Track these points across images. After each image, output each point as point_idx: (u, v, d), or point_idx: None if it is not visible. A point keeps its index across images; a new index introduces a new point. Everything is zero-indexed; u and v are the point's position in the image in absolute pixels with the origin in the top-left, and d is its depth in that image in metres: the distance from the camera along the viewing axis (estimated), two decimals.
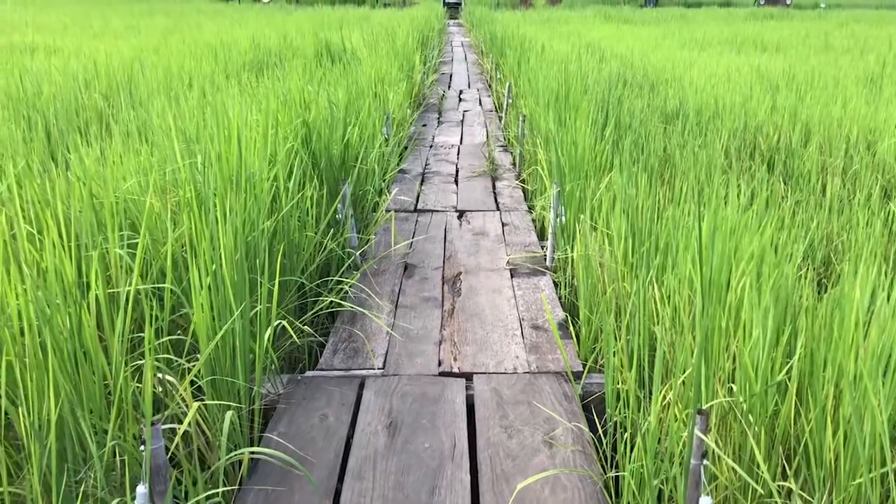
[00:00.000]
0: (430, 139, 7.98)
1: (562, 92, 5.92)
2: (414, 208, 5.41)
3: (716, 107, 7.58)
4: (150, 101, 5.67)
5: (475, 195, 5.77)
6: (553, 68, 7.20)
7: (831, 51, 14.68)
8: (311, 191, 3.69)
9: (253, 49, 10.78)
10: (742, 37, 17.60)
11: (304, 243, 3.45)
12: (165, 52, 10.63)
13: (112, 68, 7.89)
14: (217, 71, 9.11)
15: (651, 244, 3.16)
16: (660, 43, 16.50)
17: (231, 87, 5.54)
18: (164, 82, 7.29)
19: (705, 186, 4.34)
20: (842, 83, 9.36)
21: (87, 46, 11.96)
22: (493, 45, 13.40)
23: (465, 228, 4.95)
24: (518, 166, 6.57)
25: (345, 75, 6.46)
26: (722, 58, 12.95)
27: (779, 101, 7.68)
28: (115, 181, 3.00)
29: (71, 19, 19.85)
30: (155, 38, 13.66)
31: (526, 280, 4.01)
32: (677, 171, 5.11)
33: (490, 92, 11.83)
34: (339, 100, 4.86)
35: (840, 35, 18.68)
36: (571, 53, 11.72)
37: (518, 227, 4.93)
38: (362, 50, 10.63)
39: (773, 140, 6.54)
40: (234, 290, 2.36)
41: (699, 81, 9.57)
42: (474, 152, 7.31)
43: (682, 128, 6.54)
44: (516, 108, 8.05)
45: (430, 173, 6.48)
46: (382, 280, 4.01)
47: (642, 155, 5.12)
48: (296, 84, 4.61)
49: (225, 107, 3.87)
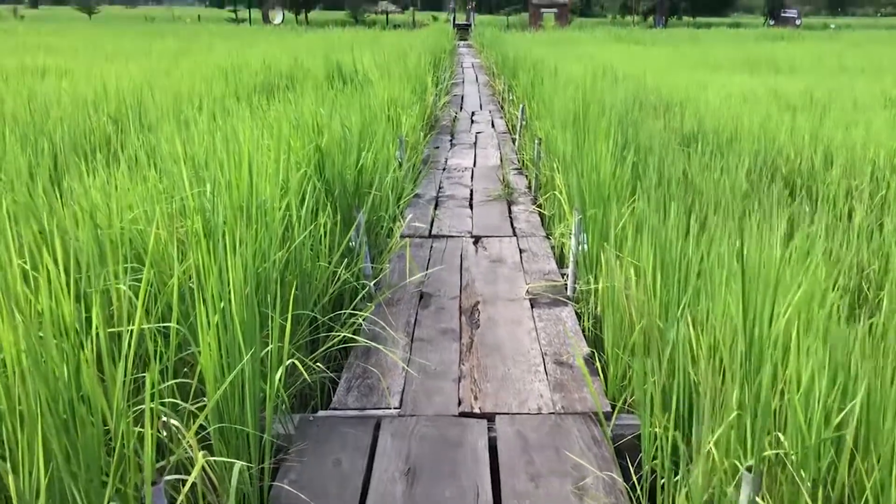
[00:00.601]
0: (443, 162, 7.86)
1: (580, 114, 5.79)
2: (428, 233, 5.27)
3: (735, 129, 7.44)
4: (159, 124, 5.57)
5: (491, 220, 5.63)
6: (569, 90, 7.08)
7: (846, 72, 14.53)
8: (325, 218, 3.55)
9: (264, 71, 10.73)
10: (755, 58, 17.49)
11: (317, 274, 3.30)
12: (176, 74, 10.60)
13: (122, 91, 7.84)
14: (228, 93, 9.04)
15: (682, 277, 3.00)
16: (672, 64, 16.41)
17: (242, 111, 5.44)
18: (174, 105, 7.20)
19: (734, 214, 4.18)
20: (861, 105, 9.20)
21: (98, 69, 11.95)
22: (505, 66, 13.33)
23: (482, 255, 4.79)
24: (534, 190, 6.42)
25: (357, 98, 6.35)
26: (736, 79, 12.82)
27: (798, 123, 7.52)
28: (120, 210, 2.87)
29: (83, 42, 19.97)
30: (166, 60, 13.66)
31: (547, 311, 3.85)
32: (702, 197, 4.96)
33: (502, 113, 11.72)
34: (352, 124, 4.73)
35: (854, 56, 18.54)
36: (586, 75, 11.63)
37: (536, 254, 4.78)
38: (374, 72, 10.55)
39: (795, 163, 6.39)
40: (243, 330, 2.21)
41: (715, 103, 9.44)
42: (488, 175, 7.18)
43: (703, 151, 6.39)
44: (531, 131, 7.93)
45: (444, 197, 6.35)
46: (397, 311, 3.86)
47: (663, 179, 4.97)
48: (308, 108, 4.49)
49: (235, 132, 3.75)
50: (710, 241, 3.27)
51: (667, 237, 3.30)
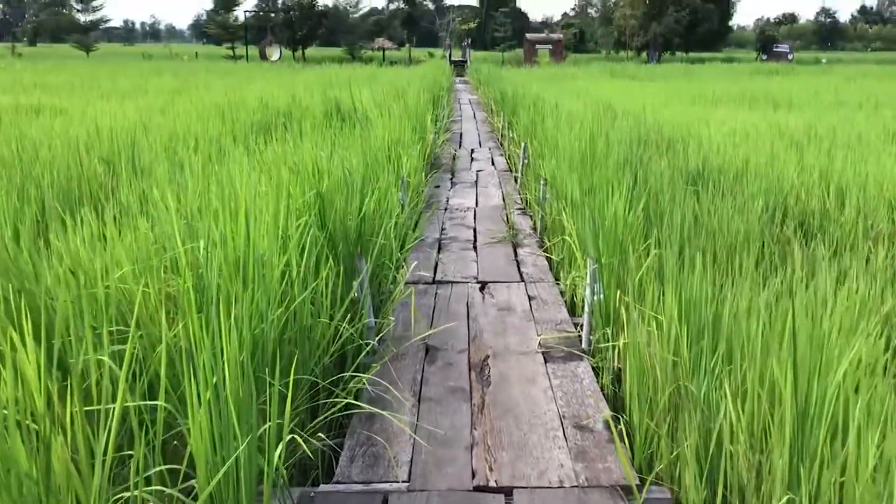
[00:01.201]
0: (444, 201, 7.68)
1: (587, 155, 5.63)
2: (433, 279, 5.06)
3: (741, 167, 7.29)
4: (152, 167, 5.39)
5: (497, 264, 5.43)
6: (574, 129, 6.93)
7: (845, 106, 14.50)
8: (327, 271, 3.34)
9: (261, 109, 10.61)
10: (752, 93, 17.49)
11: (319, 333, 3.08)
12: (172, 113, 10.47)
13: (116, 131, 7.67)
14: (224, 133, 8.89)
15: (711, 333, 2.79)
16: (670, 99, 16.39)
17: (238, 154, 5.26)
18: (169, 146, 7.04)
19: (756, 262, 3.99)
20: (865, 140, 9.09)
21: (94, 107, 11.84)
22: (504, 103, 13.25)
23: (489, 303, 4.58)
24: (539, 231, 6.24)
25: (358, 138, 6.19)
26: (737, 114, 12.76)
27: (806, 160, 7.38)
28: (106, 267, 2.66)
29: (80, 79, 19.93)
30: (162, 98, 13.56)
31: (562, 366, 3.62)
32: (717, 241, 4.77)
33: (502, 151, 11.60)
34: (354, 167, 4.55)
35: (849, 90, 18.59)
36: (587, 112, 11.54)
37: (546, 302, 4.56)
38: (373, 109, 10.44)
39: (807, 203, 6.22)
40: (237, 409, 1.98)
41: (717, 139, 9.32)
42: (491, 216, 7.00)
43: (713, 191, 6.23)
44: (534, 170, 7.77)
45: (447, 239, 6.15)
46: (402, 366, 3.63)
47: (675, 222, 4.79)
48: (307, 150, 4.31)
49: (231, 178, 3.56)
50: (739, 294, 3.06)
51: (692, 289, 3.09)
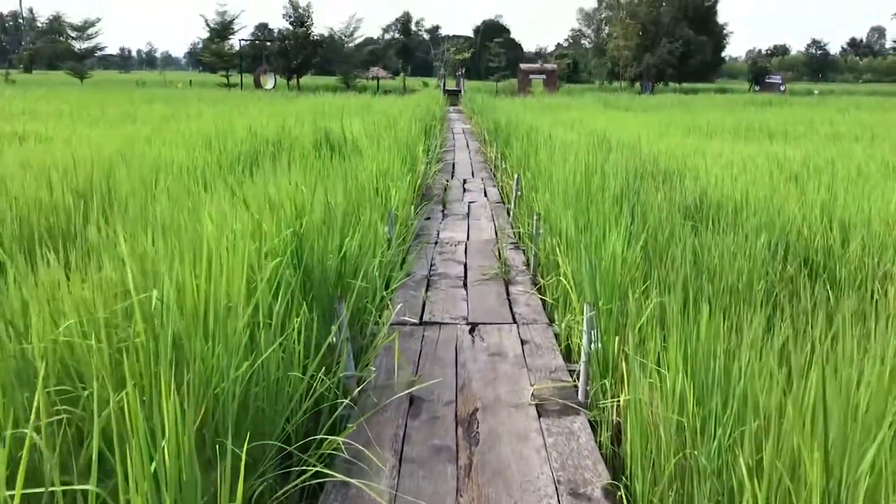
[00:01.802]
0: (434, 234, 7.44)
1: (582, 189, 5.40)
2: (419, 320, 4.79)
3: (740, 201, 7.08)
4: (127, 203, 5.13)
5: (487, 303, 5.16)
6: (568, 161, 6.72)
7: (841, 139, 14.39)
8: (301, 317, 3.07)
9: (250, 138, 10.39)
10: (747, 124, 17.41)
11: (290, 388, 2.80)
12: (158, 141, 10.23)
13: (97, 160, 7.42)
14: (210, 162, 8.66)
15: (720, 393, 2.53)
16: (665, 131, 16.27)
17: (217, 189, 5.01)
18: (149, 178, 6.79)
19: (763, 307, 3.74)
20: (864, 173, 8.91)
21: (80, 135, 11.62)
22: (498, 133, 13.08)
23: (479, 347, 4.31)
24: (532, 268, 5.98)
25: (344, 170, 5.96)
26: (733, 146, 12.61)
27: (807, 194, 7.17)
28: (45, 322, 2.38)
29: (70, 107, 19.75)
30: (150, 126, 13.35)
31: (557, 421, 3.35)
32: (719, 282, 4.53)
33: (495, 182, 11.40)
34: (336, 202, 4.31)
35: (845, 122, 18.54)
36: (580, 142, 11.36)
37: (540, 347, 4.30)
38: (363, 140, 10.24)
39: (810, 240, 5.99)
40: (180, 497, 1.70)
41: (715, 171, 9.12)
42: (483, 250, 6.75)
43: (712, 227, 6.00)
44: (526, 202, 7.55)
45: (436, 275, 5.89)
46: (384, 420, 3.35)
47: (676, 263, 4.55)
48: (286, 186, 4.05)
49: (200, 217, 3.30)
50: (749, 348, 2.80)
51: (698, 341, 2.83)
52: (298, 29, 49.81)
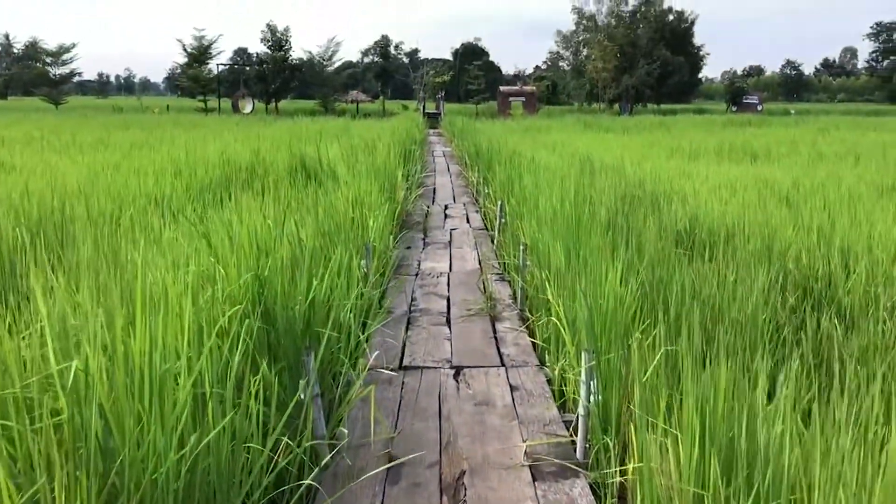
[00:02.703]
0: (415, 265, 7.07)
1: (571, 219, 5.07)
2: (399, 364, 4.40)
3: (733, 226, 6.80)
4: (82, 237, 4.72)
5: (473, 343, 4.79)
6: (554, 187, 6.40)
7: (825, 159, 14.25)
8: (260, 376, 2.68)
9: (221, 165, 9.99)
10: (729, 144, 17.27)
11: (247, 462, 2.41)
12: (127, 169, 9.81)
13: (60, 191, 7.02)
14: (179, 189, 8.26)
15: (745, 461, 2.17)
16: (647, 152, 16.08)
17: (176, 226, 4.62)
18: (114, 207, 6.39)
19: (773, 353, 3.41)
20: (856, 195, 8.69)
21: (46, 163, 11.17)
22: (479, 157, 12.78)
23: (465, 395, 3.93)
24: (520, 302, 5.63)
25: (317, 200, 5.59)
26: (718, 168, 12.41)
27: (801, 219, 6.90)
28: None
29: (41, 132, 19.23)
30: (120, 153, 12.92)
31: (553, 486, 2.97)
32: (721, 319, 4.20)
33: (477, 207, 11.07)
34: (307, 238, 3.94)
35: (827, 142, 18.48)
36: (562, 164, 11.09)
37: (532, 394, 3.92)
38: (340, 165, 9.89)
39: (809, 268, 5.70)
40: None
41: (703, 195, 8.87)
42: (467, 282, 6.39)
43: (707, 256, 5.69)
44: (511, 230, 7.21)
45: (418, 311, 5.52)
46: (358, 489, 2.95)
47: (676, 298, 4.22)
48: (251, 221, 3.67)
49: (148, 262, 2.92)
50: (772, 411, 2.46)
51: (714, 399, 2.48)
52: (276, 53, 49.56)
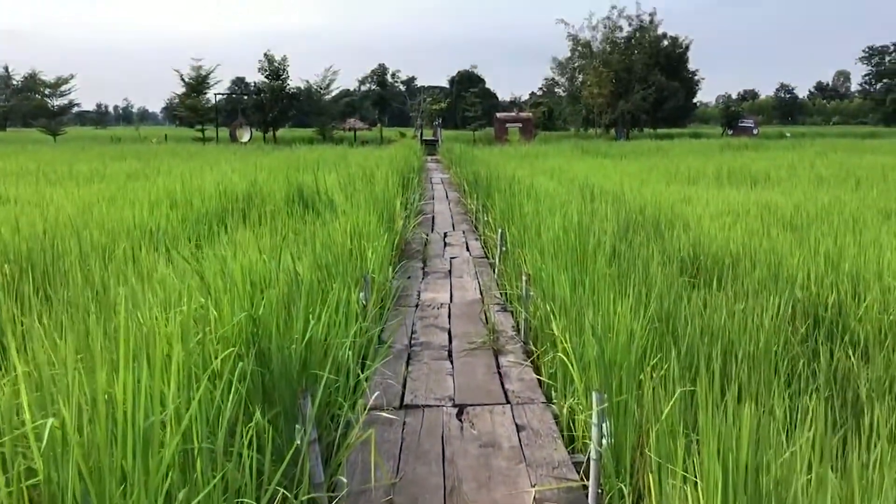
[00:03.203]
0: (415, 296, 6.92)
1: (577, 248, 4.94)
2: (400, 403, 4.23)
3: (738, 253, 6.67)
4: (68, 277, 4.58)
5: (476, 379, 4.63)
6: (556, 215, 6.27)
7: (825, 183, 14.18)
8: (253, 424, 2.52)
9: (217, 196, 9.88)
10: (728, 169, 17.20)
11: None
12: (122, 200, 9.70)
13: (53, 224, 6.89)
14: (174, 220, 8.14)
15: None
16: (646, 177, 16.00)
17: (168, 262, 4.48)
18: (107, 240, 6.26)
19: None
20: (862, 220, 8.57)
21: (42, 195, 11.05)
22: (478, 184, 12.69)
23: (469, 436, 3.76)
24: (523, 334, 5.47)
25: (313, 233, 5.45)
26: (718, 193, 12.32)
27: (808, 244, 6.77)
28: None
29: (37, 164, 19.15)
30: (116, 184, 12.82)
31: None
32: (731, 349, 4.06)
33: (477, 234, 10.95)
34: (303, 272, 3.79)
35: (825, 165, 18.42)
36: (563, 192, 10.99)
37: (539, 433, 3.76)
38: (338, 194, 9.78)
39: (818, 295, 5.56)
40: None
41: (705, 221, 8.76)
42: (468, 313, 6.24)
43: (714, 285, 5.56)
44: (513, 258, 7.08)
45: (418, 346, 5.36)
46: None
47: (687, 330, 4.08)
48: (244, 256, 3.52)
49: (127, 312, 2.77)
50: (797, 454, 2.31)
51: (738, 445, 2.33)
52: (274, 82, 49.78)
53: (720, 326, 4.44)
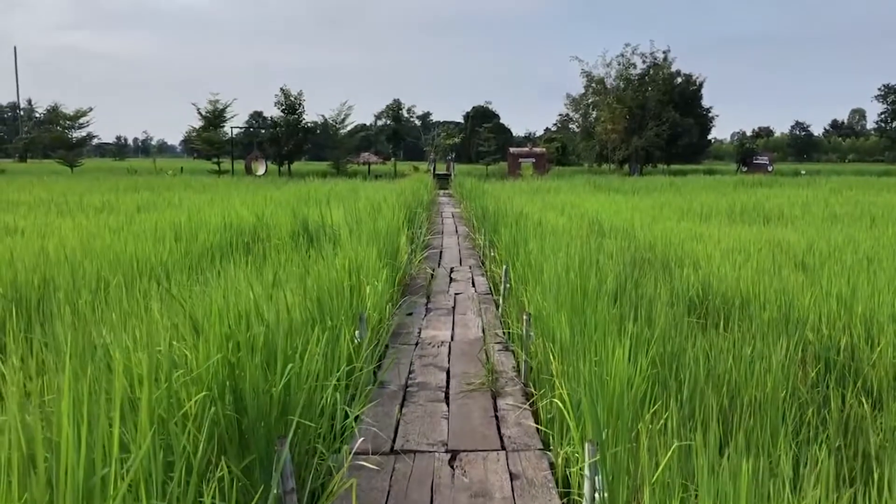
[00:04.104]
0: (416, 333, 6.77)
1: (577, 288, 4.79)
2: (391, 447, 4.07)
3: (748, 292, 6.50)
4: (60, 309, 4.49)
5: (471, 423, 4.46)
6: (560, 253, 6.14)
7: (839, 220, 13.96)
8: (223, 475, 2.39)
9: (223, 229, 9.84)
10: (741, 206, 17.02)
11: None
12: (127, 232, 9.68)
13: (56, 255, 6.85)
14: (175, 254, 8.09)
15: None
16: (658, 214, 15.85)
17: (158, 297, 4.38)
18: (105, 272, 6.19)
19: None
20: (877, 260, 8.36)
21: (50, 226, 11.08)
22: (486, 219, 12.59)
23: (460, 484, 3.59)
24: (523, 375, 5.31)
25: (309, 268, 5.35)
26: (730, 230, 12.14)
27: (819, 285, 6.58)
28: None
29: (50, 195, 19.31)
30: (126, 215, 12.85)
31: None
32: (738, 397, 3.88)
33: (483, 270, 10.82)
34: (292, 310, 3.67)
35: (839, 202, 18.21)
36: (572, 228, 10.87)
37: (533, 484, 3.58)
38: (344, 228, 9.71)
39: (829, 338, 5.36)
40: None
41: (716, 258, 8.59)
42: (469, 352, 6.08)
43: (724, 326, 5.39)
44: (516, 296, 6.94)
45: (415, 385, 5.21)
46: None
47: (691, 377, 3.91)
48: (218, 299, 3.39)
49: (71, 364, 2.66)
50: None
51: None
52: (290, 116, 50.32)
53: (725, 371, 4.27)
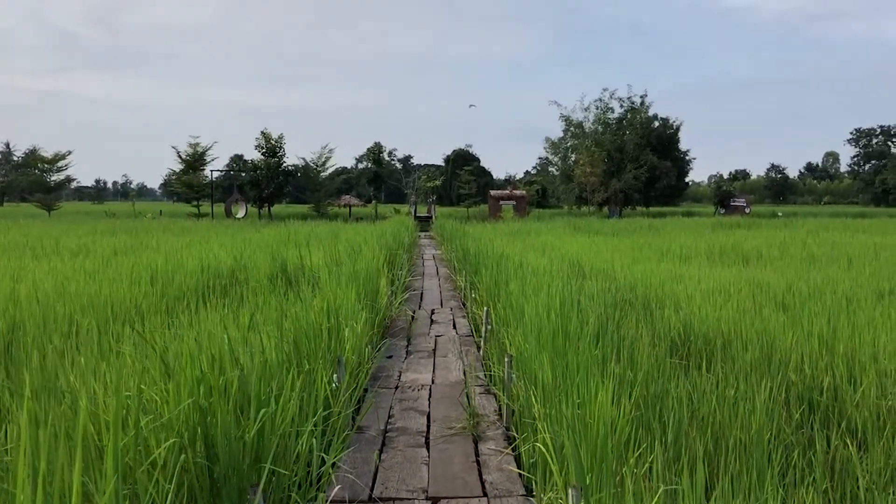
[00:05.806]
0: (395, 377, 6.66)
1: (559, 330, 4.73)
2: (369, 495, 3.94)
3: (729, 333, 6.48)
4: (26, 360, 4.35)
5: (452, 468, 4.34)
6: (541, 294, 6.09)
7: (817, 262, 14.08)
8: None
9: (200, 272, 9.71)
10: (720, 247, 17.15)
11: None
12: (101, 277, 9.51)
13: (24, 301, 6.70)
14: (151, 297, 7.95)
15: None
16: (638, 255, 15.92)
17: (129, 341, 4.27)
18: (78, 316, 6.04)
19: None
20: (855, 300, 8.40)
21: (24, 270, 10.88)
22: (466, 260, 12.56)
23: None
24: (506, 418, 5.21)
25: (285, 311, 5.26)
26: (710, 271, 12.19)
27: (800, 326, 6.57)
28: None
29: (25, 238, 19.03)
30: (102, 259, 12.65)
31: None
32: (722, 442, 3.82)
33: (464, 311, 10.74)
34: (266, 354, 3.57)
35: (817, 244, 18.40)
36: (553, 269, 10.85)
37: None
38: (323, 270, 9.62)
39: (812, 378, 5.33)
40: None
41: (697, 299, 8.59)
42: (450, 396, 5.97)
43: (706, 367, 5.35)
44: (498, 338, 6.86)
45: (394, 431, 5.08)
46: None
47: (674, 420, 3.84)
48: (188, 345, 3.29)
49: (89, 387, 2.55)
50: None
51: None
52: (271, 159, 50.38)
53: (709, 412, 4.22)
